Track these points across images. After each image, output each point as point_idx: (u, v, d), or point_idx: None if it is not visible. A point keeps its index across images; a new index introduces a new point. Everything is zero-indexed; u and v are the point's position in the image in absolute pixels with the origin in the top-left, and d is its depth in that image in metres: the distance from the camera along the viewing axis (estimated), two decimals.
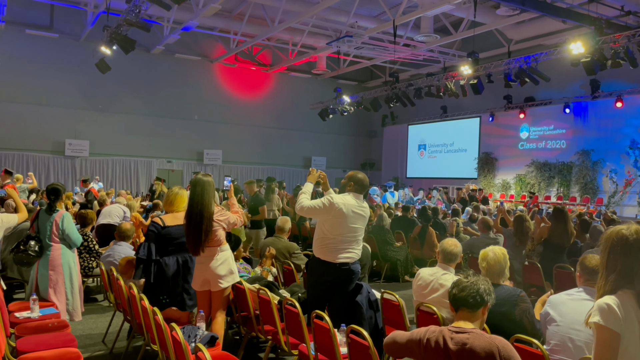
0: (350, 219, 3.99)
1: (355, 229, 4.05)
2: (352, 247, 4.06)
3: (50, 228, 4.71)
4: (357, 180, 4.12)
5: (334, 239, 4.00)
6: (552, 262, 6.15)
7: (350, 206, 4.00)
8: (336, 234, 4.00)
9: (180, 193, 4.61)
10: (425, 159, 23.83)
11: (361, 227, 4.13)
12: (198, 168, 21.28)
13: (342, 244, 4.00)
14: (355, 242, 4.08)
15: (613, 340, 1.95)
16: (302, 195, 4.09)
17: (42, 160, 18.85)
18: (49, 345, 3.50)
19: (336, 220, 3.98)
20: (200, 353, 2.75)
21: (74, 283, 4.77)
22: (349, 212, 3.98)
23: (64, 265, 4.70)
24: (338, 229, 3.99)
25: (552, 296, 3.21)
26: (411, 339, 2.50)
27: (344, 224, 3.98)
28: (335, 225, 3.99)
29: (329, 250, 4.01)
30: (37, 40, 18.33)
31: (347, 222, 3.98)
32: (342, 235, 4.00)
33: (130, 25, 12.81)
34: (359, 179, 4.13)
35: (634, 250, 2.02)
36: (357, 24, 16.75)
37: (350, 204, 4.01)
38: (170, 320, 3.55)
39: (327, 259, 4.02)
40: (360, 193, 4.14)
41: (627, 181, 16.11)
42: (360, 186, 4.12)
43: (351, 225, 4.01)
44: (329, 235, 4.01)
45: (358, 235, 4.11)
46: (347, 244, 4.02)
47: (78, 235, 4.77)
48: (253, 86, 22.99)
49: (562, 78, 16.93)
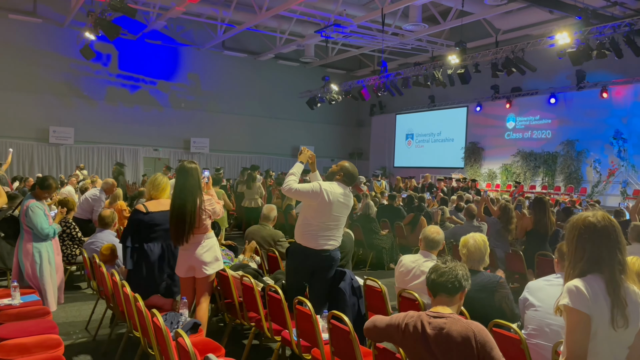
0: (335, 208, 4.00)
1: (338, 217, 4.06)
2: (334, 235, 4.08)
3: (21, 215, 4.71)
4: (347, 171, 4.14)
5: (317, 226, 4.01)
6: (535, 250, 6.23)
7: (336, 195, 4.01)
8: (319, 221, 4.00)
9: (163, 180, 4.60)
10: (413, 149, 23.91)
11: (343, 217, 4.15)
12: (185, 156, 21.12)
13: (324, 231, 4.02)
14: (336, 229, 4.10)
15: (583, 322, 1.97)
16: (291, 177, 4.08)
17: (26, 148, 18.58)
18: (29, 332, 3.48)
19: (320, 208, 3.99)
20: (180, 339, 2.75)
21: (45, 273, 4.72)
22: (335, 201, 3.99)
23: (35, 255, 4.68)
24: (321, 217, 4.00)
25: (530, 282, 3.26)
26: (390, 324, 2.53)
27: (327, 211, 3.99)
28: (319, 212, 4.00)
29: (311, 236, 4.03)
30: (20, 25, 17.97)
31: (331, 210, 3.99)
32: (325, 223, 4.01)
33: (115, 10, 12.61)
34: (348, 170, 4.15)
35: (603, 237, 2.05)
36: (346, 12, 16.65)
37: (336, 192, 4.02)
38: (154, 307, 3.54)
39: (308, 245, 4.04)
40: (348, 184, 4.16)
41: (611, 171, 16.33)
42: (348, 177, 4.15)
43: (334, 213, 4.02)
44: (312, 222, 4.02)
45: (340, 224, 4.13)
46: (329, 231, 4.04)
47: (44, 227, 4.64)
48: (241, 74, 22.82)
49: (549, 68, 17.04)
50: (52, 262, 4.81)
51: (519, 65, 14.61)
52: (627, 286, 2.02)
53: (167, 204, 4.31)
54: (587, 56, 12.61)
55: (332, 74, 23.44)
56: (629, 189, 15.80)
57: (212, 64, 22.20)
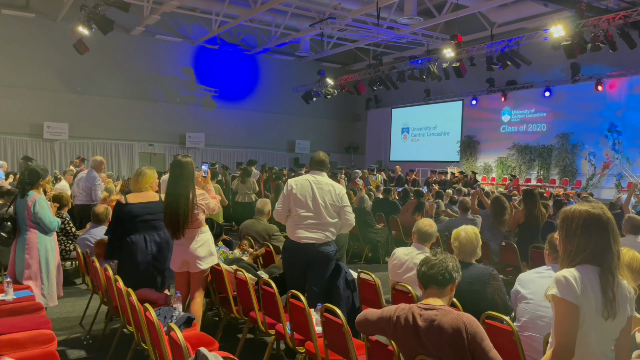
0: (306, 194, 4.16)
1: (317, 205, 4.13)
2: (318, 228, 4.14)
3: (24, 212, 4.62)
4: (312, 159, 4.42)
5: (297, 216, 4.18)
6: (528, 242, 6.26)
7: (302, 181, 4.23)
8: (297, 211, 4.17)
9: (145, 172, 4.64)
10: (409, 143, 23.91)
11: (325, 205, 4.17)
12: (180, 151, 21.05)
13: (303, 220, 4.14)
14: (322, 222, 4.15)
15: (571, 311, 1.98)
16: None
17: (20, 144, 18.47)
18: (22, 328, 3.47)
19: (292, 198, 4.21)
20: (172, 333, 2.75)
21: (50, 268, 4.68)
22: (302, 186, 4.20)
23: (40, 250, 4.61)
24: (297, 206, 4.19)
25: (521, 274, 3.27)
26: (382, 317, 2.54)
27: (298, 199, 4.19)
28: (295, 203, 4.21)
29: (294, 229, 4.20)
30: (13, 20, 17.82)
31: (301, 197, 4.17)
32: (303, 212, 4.14)
33: (108, 4, 12.54)
34: (312, 157, 4.43)
35: (604, 229, 2.06)
36: (341, 6, 16.59)
37: (303, 179, 4.27)
38: (147, 302, 3.54)
39: (293, 238, 4.21)
40: (319, 169, 4.33)
41: (605, 164, 16.39)
42: (314, 163, 4.36)
43: (309, 201, 4.14)
44: (293, 213, 4.23)
45: (326, 215, 4.16)
46: (313, 223, 4.13)
47: (52, 220, 4.63)
48: (236, 68, 22.74)
49: (544, 62, 17.05)
50: (55, 257, 4.80)
51: (514, 59, 14.61)
52: (619, 278, 2.05)
53: (148, 196, 4.50)
54: (581, 49, 12.61)
55: (328, 68, 23.37)
56: (623, 181, 15.86)
57: (207, 58, 22.10)
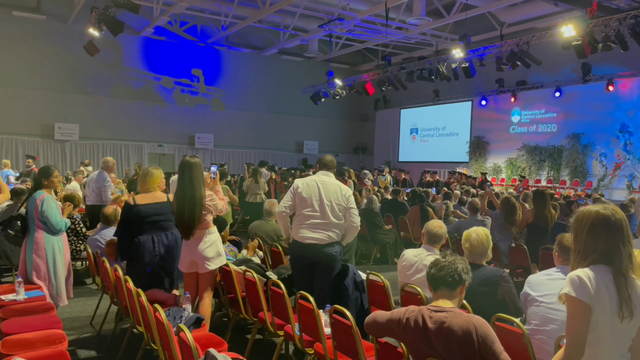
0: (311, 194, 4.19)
1: (323, 205, 4.15)
2: (322, 228, 4.17)
3: (33, 211, 4.62)
4: (320, 161, 4.51)
5: (301, 215, 4.23)
6: (538, 243, 6.20)
7: (308, 181, 4.28)
8: (302, 211, 4.21)
9: (152, 173, 4.62)
10: (417, 143, 23.83)
11: (331, 205, 4.19)
12: (189, 152, 21.16)
13: (307, 219, 4.18)
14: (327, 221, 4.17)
15: (584, 311, 1.98)
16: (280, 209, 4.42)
17: (32, 145, 18.65)
18: (33, 327, 3.50)
19: (297, 197, 4.26)
20: (182, 333, 2.76)
21: (58, 268, 4.68)
22: (309, 186, 4.24)
23: (47, 249, 4.60)
24: (302, 206, 4.23)
25: (531, 276, 3.24)
26: (391, 319, 2.53)
27: (303, 199, 4.23)
28: (300, 202, 4.25)
29: (298, 228, 4.23)
30: (24, 22, 18.01)
31: (306, 196, 4.20)
32: (308, 212, 4.18)
33: (118, 6, 12.63)
34: (320, 159, 4.53)
35: (616, 230, 2.07)
36: (349, 7, 16.58)
37: (310, 179, 4.32)
38: (157, 302, 3.55)
39: (297, 238, 4.25)
40: (327, 170, 4.39)
41: (617, 164, 16.21)
42: (322, 164, 4.43)
43: (314, 200, 4.17)
44: (297, 212, 4.28)
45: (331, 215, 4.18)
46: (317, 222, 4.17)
47: (58, 220, 4.60)
48: (244, 69, 22.80)
49: (554, 62, 16.90)
50: (63, 257, 4.81)
51: (524, 59, 14.50)
52: (633, 278, 2.05)
53: (156, 196, 4.52)
54: (592, 49, 12.50)
55: (336, 69, 23.37)
56: (635, 182, 15.69)
57: (216, 59, 22.19)
